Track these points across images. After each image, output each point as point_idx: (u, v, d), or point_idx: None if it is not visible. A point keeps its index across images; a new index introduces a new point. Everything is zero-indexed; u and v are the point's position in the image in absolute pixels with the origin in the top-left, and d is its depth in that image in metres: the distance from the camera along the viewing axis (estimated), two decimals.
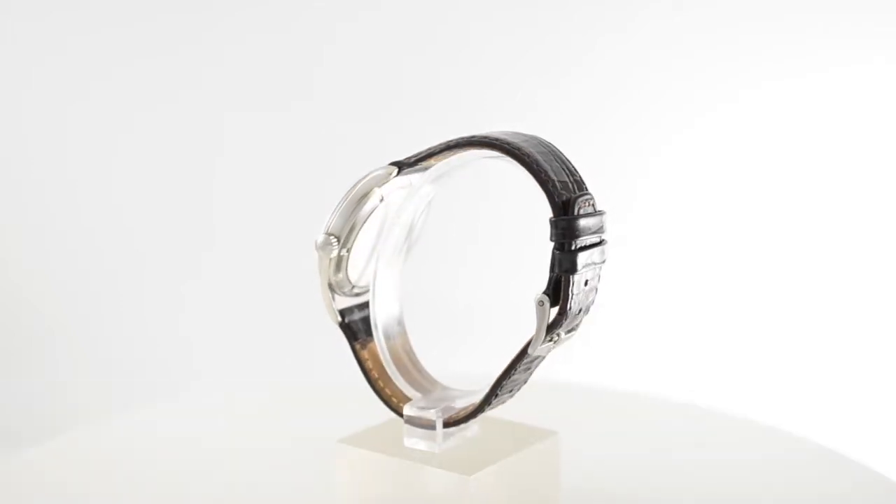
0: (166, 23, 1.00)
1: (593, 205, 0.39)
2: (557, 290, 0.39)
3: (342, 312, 0.46)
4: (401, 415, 0.45)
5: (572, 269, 0.38)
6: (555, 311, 0.39)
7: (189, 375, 1.03)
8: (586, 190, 0.39)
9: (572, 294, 0.39)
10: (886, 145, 1.02)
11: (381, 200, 0.43)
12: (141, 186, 1.03)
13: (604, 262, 0.40)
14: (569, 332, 0.40)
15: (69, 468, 0.53)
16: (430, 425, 0.43)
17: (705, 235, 1.04)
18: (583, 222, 0.38)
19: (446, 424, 0.43)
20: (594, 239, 0.39)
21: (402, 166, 0.43)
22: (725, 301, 1.04)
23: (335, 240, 0.43)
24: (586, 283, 0.39)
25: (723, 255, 1.04)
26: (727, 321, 1.04)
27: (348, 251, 0.43)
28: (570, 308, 0.39)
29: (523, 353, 0.40)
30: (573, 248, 0.38)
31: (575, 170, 0.39)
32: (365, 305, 0.45)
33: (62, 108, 1.01)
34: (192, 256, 1.04)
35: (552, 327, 0.39)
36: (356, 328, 0.46)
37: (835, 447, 0.55)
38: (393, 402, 0.45)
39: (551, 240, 0.38)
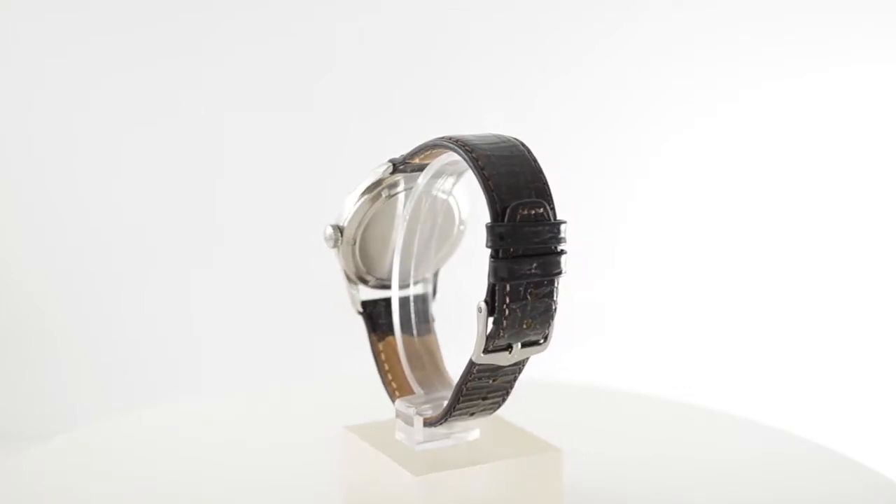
0: (169, 26, 1.01)
1: (546, 213, 0.37)
2: (494, 299, 0.37)
3: (365, 304, 0.46)
4: None
5: (508, 277, 0.36)
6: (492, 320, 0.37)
7: (190, 375, 1.03)
8: (545, 198, 0.37)
9: (508, 303, 0.37)
10: (886, 145, 1.03)
11: (388, 197, 0.44)
12: (141, 189, 1.03)
13: (559, 273, 0.37)
14: (529, 345, 0.39)
15: (69, 468, 0.53)
16: (409, 421, 0.43)
17: (705, 235, 1.04)
18: (523, 230, 0.36)
19: (426, 423, 0.43)
20: (543, 248, 0.37)
21: (395, 164, 0.43)
22: (725, 301, 1.04)
23: (339, 232, 0.44)
24: (531, 294, 0.37)
25: (723, 255, 1.04)
26: (727, 321, 1.04)
27: (355, 243, 0.44)
28: (508, 317, 0.37)
29: (472, 362, 0.39)
30: (509, 255, 0.37)
31: (541, 177, 0.37)
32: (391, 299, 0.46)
33: (68, 109, 1.01)
34: (192, 257, 1.04)
35: (492, 337, 0.38)
36: (377, 320, 0.46)
37: (835, 447, 0.55)
38: (396, 395, 0.45)
39: (487, 246, 0.37)
